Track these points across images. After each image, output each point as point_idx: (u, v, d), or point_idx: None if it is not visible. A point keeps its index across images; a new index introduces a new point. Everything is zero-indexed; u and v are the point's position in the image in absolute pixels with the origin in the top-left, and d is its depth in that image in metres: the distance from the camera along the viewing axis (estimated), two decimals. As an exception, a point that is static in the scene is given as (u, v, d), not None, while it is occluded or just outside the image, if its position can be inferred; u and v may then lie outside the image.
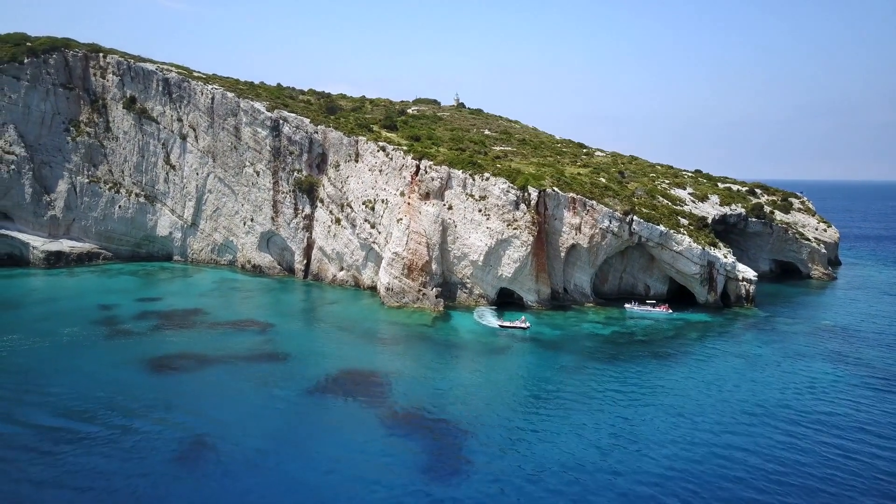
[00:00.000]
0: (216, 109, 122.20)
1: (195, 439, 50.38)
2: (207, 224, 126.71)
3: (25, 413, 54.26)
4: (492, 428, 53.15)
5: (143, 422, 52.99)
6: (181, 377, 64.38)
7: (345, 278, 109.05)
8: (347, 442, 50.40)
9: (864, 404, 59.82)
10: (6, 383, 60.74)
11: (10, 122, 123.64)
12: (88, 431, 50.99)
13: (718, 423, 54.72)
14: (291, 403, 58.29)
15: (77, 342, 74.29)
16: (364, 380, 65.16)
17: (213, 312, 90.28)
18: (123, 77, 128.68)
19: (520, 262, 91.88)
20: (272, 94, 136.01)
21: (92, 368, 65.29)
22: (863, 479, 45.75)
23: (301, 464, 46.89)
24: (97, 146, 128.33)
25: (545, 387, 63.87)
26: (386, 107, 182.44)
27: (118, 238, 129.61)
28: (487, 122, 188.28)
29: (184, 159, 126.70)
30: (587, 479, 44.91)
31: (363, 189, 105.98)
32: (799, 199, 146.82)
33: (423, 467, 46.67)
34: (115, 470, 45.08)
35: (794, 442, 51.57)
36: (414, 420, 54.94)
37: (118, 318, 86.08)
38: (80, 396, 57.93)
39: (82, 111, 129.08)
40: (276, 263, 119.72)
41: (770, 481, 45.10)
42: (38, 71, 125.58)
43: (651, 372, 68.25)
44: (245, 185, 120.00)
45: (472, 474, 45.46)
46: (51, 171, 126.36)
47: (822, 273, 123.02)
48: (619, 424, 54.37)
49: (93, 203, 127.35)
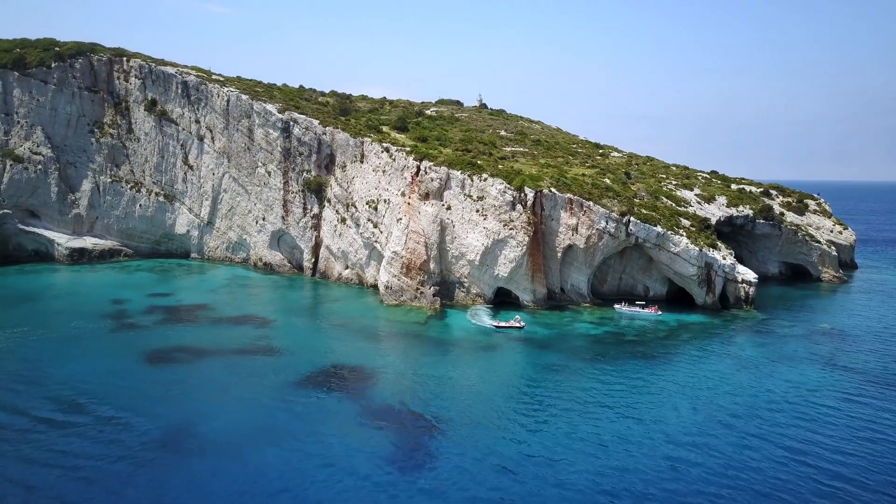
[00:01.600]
0: (231, 111, 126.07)
1: (178, 426, 53.20)
2: (222, 222, 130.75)
3: (19, 399, 57.78)
4: (463, 424, 54.66)
5: (130, 409, 55.99)
6: (175, 369, 67.48)
7: (350, 276, 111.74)
8: (322, 432, 52.56)
9: (837, 410, 59.58)
10: (7, 370, 64.66)
11: (38, 124, 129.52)
12: (76, 417, 54.25)
13: (679, 427, 54.73)
14: (276, 395, 60.72)
15: (83, 334, 78.22)
16: (349, 374, 67.49)
17: (218, 308, 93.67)
18: (145, 80, 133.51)
19: (515, 261, 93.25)
20: (287, 96, 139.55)
21: (91, 359, 68.89)
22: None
23: (275, 450, 49.20)
24: (119, 147, 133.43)
25: (524, 384, 65.34)
26: (405, 108, 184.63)
27: (138, 236, 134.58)
28: (506, 122, 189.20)
29: (201, 160, 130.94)
30: (546, 473, 46.21)
31: (367, 189, 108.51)
32: (815, 201, 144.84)
33: (388, 459, 48.47)
34: (99, 453, 47.98)
35: (749, 443, 51.86)
36: (389, 414, 56.91)
37: (127, 312, 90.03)
38: (73, 385, 61.32)
39: (106, 113, 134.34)
40: (287, 261, 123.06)
41: (709, 483, 45.77)
42: (64, 75, 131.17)
43: (632, 372, 68.99)
44: (257, 184, 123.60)
45: (435, 468, 46.95)
46: (75, 171, 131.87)
47: (833, 276, 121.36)
48: (585, 424, 55.51)
49: (115, 202, 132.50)
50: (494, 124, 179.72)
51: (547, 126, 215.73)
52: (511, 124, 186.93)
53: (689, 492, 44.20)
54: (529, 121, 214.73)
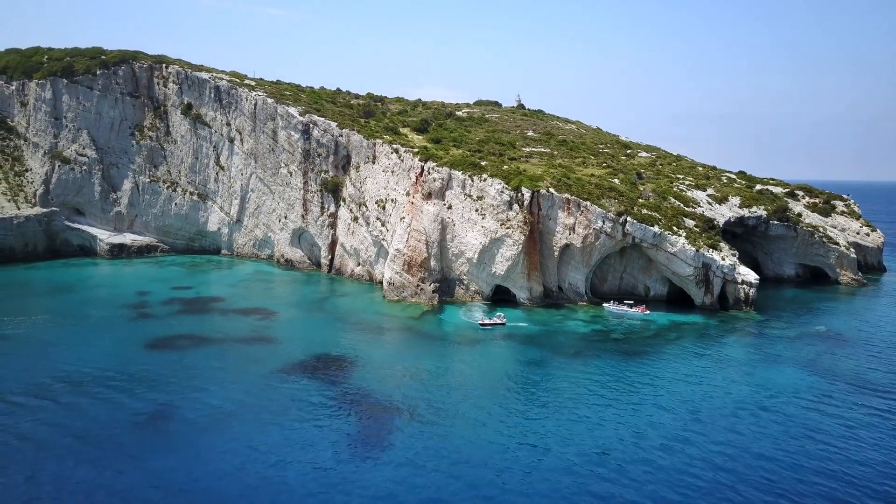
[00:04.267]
0: (258, 114, 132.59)
1: (165, 405, 58.29)
2: (250, 221, 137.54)
3: (27, 376, 64.19)
4: (429, 412, 57.46)
5: (123, 388, 61.54)
6: (173, 354, 73.00)
7: (361, 273, 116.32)
8: (294, 414, 56.52)
9: (797, 415, 59.60)
10: (21, 353, 71.72)
11: (84, 128, 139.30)
12: (73, 395, 60.06)
13: (632, 426, 55.70)
14: (260, 380, 65.15)
15: (100, 322, 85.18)
16: (333, 363, 71.64)
17: (231, 301, 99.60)
18: (182, 85, 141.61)
19: (511, 260, 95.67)
20: (313, 99, 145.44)
21: (99, 344, 75.44)
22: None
23: (245, 429, 53.42)
24: (158, 148, 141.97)
25: (496, 377, 67.95)
26: (437, 109, 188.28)
27: (174, 233, 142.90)
28: (535, 123, 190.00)
29: (231, 161, 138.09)
30: (495, 462, 48.72)
31: (377, 189, 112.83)
32: (844, 202, 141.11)
33: (347, 443, 51.72)
34: (89, 429, 52.86)
35: (696, 441, 53.19)
36: (361, 400, 60.57)
37: (147, 303, 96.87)
38: (78, 366, 67.52)
39: (146, 117, 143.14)
40: (306, 258, 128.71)
41: (634, 480, 47.54)
42: (108, 81, 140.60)
43: (606, 369, 70.46)
44: (280, 184, 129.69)
45: (390, 454, 49.57)
46: (117, 172, 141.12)
47: (852, 279, 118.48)
48: (542, 417, 57.86)
49: (153, 200, 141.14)
50: (524, 125, 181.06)
51: (586, 126, 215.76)
52: (542, 125, 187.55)
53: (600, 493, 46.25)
54: (566, 121, 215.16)
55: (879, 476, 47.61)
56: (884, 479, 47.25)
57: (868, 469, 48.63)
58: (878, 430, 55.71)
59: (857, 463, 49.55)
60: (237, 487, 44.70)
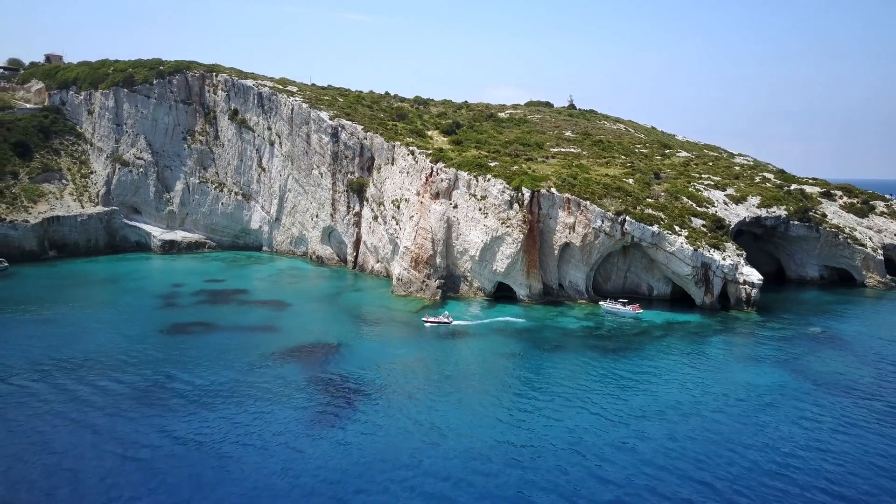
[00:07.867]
0: (294, 119, 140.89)
1: (163, 380, 65.49)
2: (287, 219, 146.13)
3: (49, 354, 73.09)
4: (395, 397, 61.75)
5: (130, 367, 69.26)
6: (183, 338, 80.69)
7: (380, 269, 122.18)
8: (272, 393, 62.20)
9: (761, 419, 60.09)
10: (50, 333, 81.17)
11: (142, 133, 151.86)
12: (87, 371, 68.21)
13: (594, 423, 56.68)
14: (252, 363, 71.19)
15: (129, 309, 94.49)
16: (322, 349, 77.44)
17: (254, 293, 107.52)
18: (229, 92, 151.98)
19: (511, 258, 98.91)
20: (348, 103, 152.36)
21: (121, 328, 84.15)
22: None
23: (228, 407, 59.18)
24: (207, 152, 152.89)
25: (469, 369, 71.59)
26: (480, 111, 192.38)
27: (220, 230, 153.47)
28: (576, 123, 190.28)
29: (271, 163, 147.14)
30: (449, 447, 52.80)
31: (394, 189, 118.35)
32: (886, 202, 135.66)
33: (309, 421, 56.54)
34: (95, 401, 60.18)
35: (644, 435, 54.91)
36: (333, 382, 65.62)
37: (177, 293, 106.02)
38: (95, 346, 76.15)
39: (197, 122, 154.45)
40: (335, 255, 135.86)
41: (594, 476, 50.49)
42: (163, 90, 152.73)
43: (582, 363, 72.69)
44: (313, 185, 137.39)
45: (349, 430, 54.16)
46: (171, 173, 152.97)
47: (878, 281, 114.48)
48: (511, 405, 61.47)
49: (202, 200, 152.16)
50: (564, 125, 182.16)
51: (640, 125, 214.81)
52: (584, 125, 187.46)
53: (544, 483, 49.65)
54: (616, 120, 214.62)
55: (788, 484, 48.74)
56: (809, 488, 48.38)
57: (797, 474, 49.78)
58: (817, 431, 55.89)
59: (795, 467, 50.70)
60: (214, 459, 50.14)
